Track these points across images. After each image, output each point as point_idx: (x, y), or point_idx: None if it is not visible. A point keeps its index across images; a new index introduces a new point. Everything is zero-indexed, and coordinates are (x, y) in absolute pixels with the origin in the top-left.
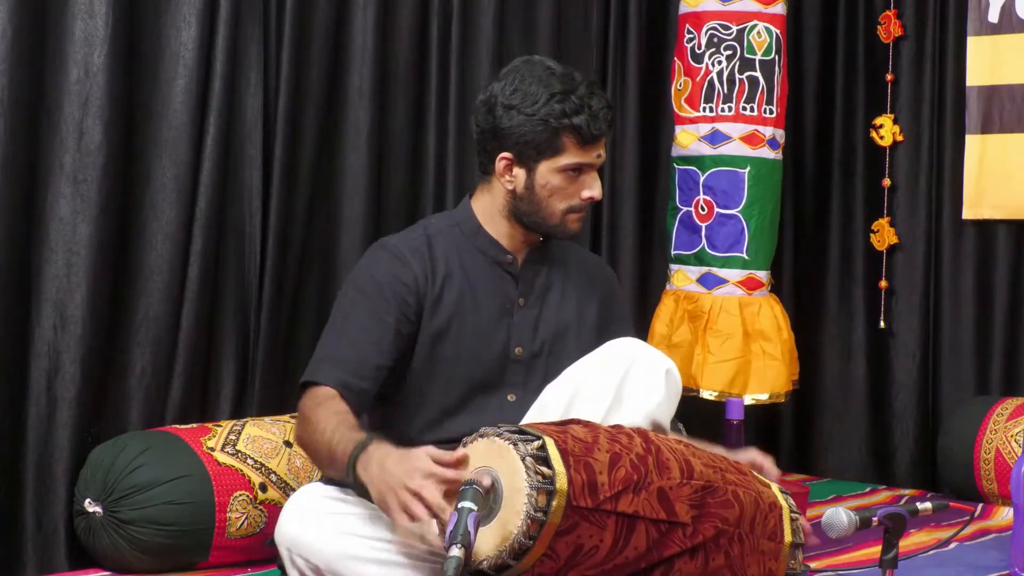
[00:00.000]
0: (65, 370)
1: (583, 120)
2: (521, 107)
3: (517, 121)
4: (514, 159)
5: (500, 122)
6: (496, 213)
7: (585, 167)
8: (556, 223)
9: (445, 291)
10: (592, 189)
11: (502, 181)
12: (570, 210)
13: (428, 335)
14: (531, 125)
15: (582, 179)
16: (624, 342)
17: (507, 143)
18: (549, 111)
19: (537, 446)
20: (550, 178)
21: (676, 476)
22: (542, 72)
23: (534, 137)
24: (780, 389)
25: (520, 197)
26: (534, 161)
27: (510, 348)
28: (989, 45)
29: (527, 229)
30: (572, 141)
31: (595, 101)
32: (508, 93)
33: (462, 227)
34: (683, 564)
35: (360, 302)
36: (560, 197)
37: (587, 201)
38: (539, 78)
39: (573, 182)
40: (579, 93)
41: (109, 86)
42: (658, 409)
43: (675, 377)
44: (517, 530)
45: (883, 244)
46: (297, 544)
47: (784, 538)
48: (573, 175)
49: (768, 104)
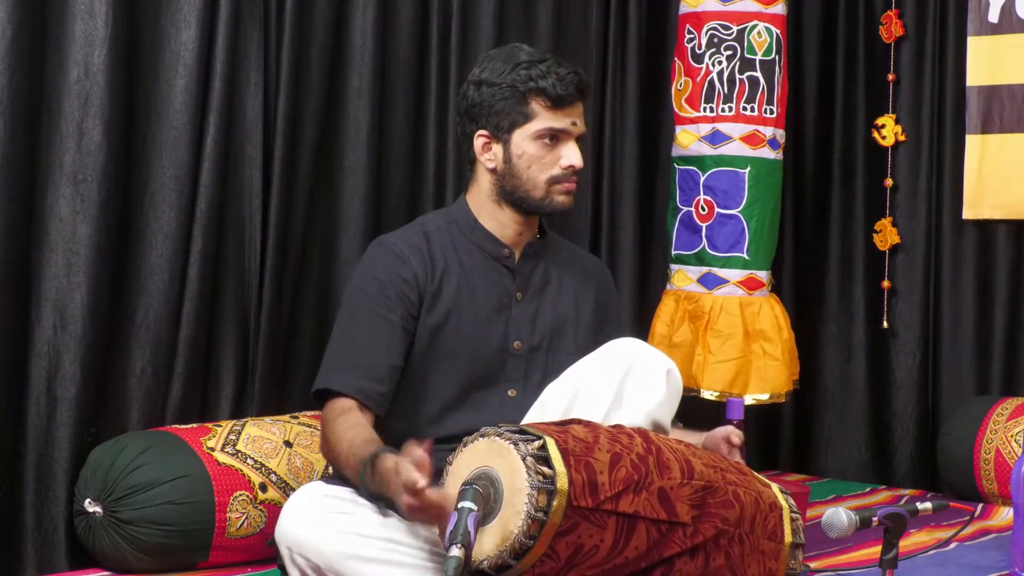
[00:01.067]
0: (65, 370)
1: (549, 82)
2: (488, 80)
3: (486, 94)
4: (490, 135)
5: (471, 99)
6: (486, 200)
7: (560, 134)
8: (541, 195)
9: (443, 286)
10: (571, 157)
11: (483, 160)
12: (553, 180)
13: (427, 330)
14: (500, 94)
15: (559, 148)
16: (625, 342)
17: (480, 119)
18: (515, 77)
19: (538, 446)
20: (525, 147)
21: (677, 476)
22: (511, 49)
23: (504, 106)
24: (781, 389)
25: (502, 174)
26: (507, 132)
27: (508, 342)
28: (989, 45)
29: (517, 211)
30: (541, 104)
31: (561, 68)
32: (477, 72)
33: (459, 223)
34: (683, 564)
35: (365, 304)
36: (539, 167)
37: (568, 170)
38: (507, 54)
39: (550, 150)
40: (545, 63)
41: (109, 86)
42: (658, 409)
43: (676, 377)
44: (518, 530)
45: (886, 244)
46: (297, 543)
47: (784, 538)
48: (549, 144)
49: (768, 104)
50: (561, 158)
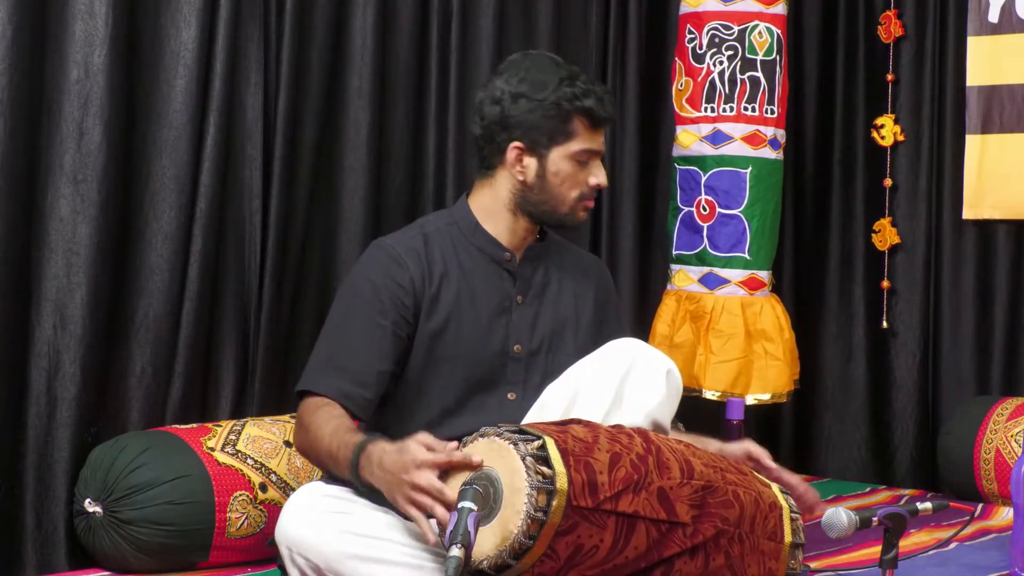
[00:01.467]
0: (65, 370)
1: (592, 102)
2: (530, 94)
3: (528, 108)
4: (525, 147)
5: (509, 111)
6: (500, 208)
7: (593, 154)
8: (567, 211)
9: (442, 290)
10: (599, 176)
11: (513, 172)
12: (580, 197)
13: (426, 335)
14: (542, 111)
15: (589, 166)
16: (625, 342)
17: (517, 132)
18: (560, 95)
19: (537, 446)
20: (561, 165)
21: (676, 476)
22: (547, 62)
23: (546, 123)
24: (782, 389)
25: (531, 187)
26: (545, 148)
27: (509, 346)
28: (989, 45)
29: (533, 221)
30: (583, 125)
31: (598, 87)
32: (515, 83)
33: (460, 225)
34: (683, 564)
35: (357, 306)
36: (571, 184)
37: (595, 188)
38: (545, 67)
39: (582, 169)
40: (583, 79)
41: (109, 86)
42: (659, 409)
43: (676, 377)
44: (517, 530)
45: (885, 244)
46: (297, 543)
47: (784, 538)
48: (582, 162)
49: (769, 104)
50: (590, 177)
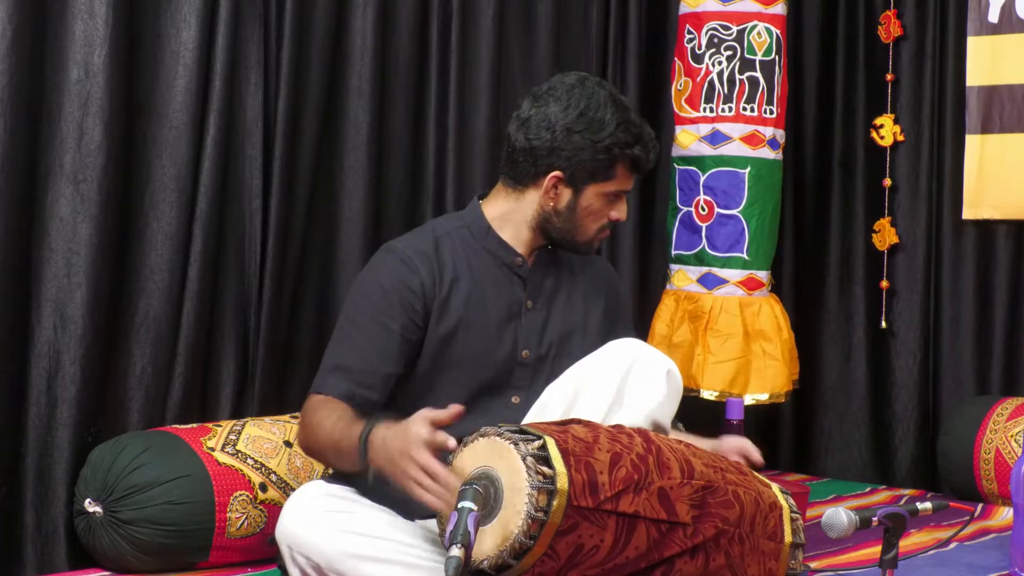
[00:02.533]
0: (65, 370)
1: (640, 150)
2: (586, 133)
3: (580, 145)
4: (564, 179)
5: (559, 142)
6: (520, 221)
7: (623, 193)
8: (586, 241)
9: (453, 294)
10: (620, 211)
11: (544, 197)
12: (600, 229)
13: (436, 338)
14: (593, 152)
15: (615, 203)
16: (625, 343)
17: (561, 163)
18: (615, 140)
19: (538, 446)
20: (593, 201)
21: (677, 476)
22: (606, 98)
23: (592, 163)
24: (780, 389)
25: (559, 214)
26: (584, 183)
27: (517, 351)
28: (989, 45)
29: (549, 241)
30: (625, 169)
31: (647, 133)
32: (573, 116)
33: (471, 228)
34: (683, 564)
35: (366, 310)
36: (595, 218)
37: (614, 221)
38: (604, 104)
39: (608, 205)
40: (635, 121)
41: (109, 86)
42: (659, 409)
43: (676, 378)
44: (518, 530)
45: (884, 244)
46: (298, 542)
47: (784, 538)
48: (612, 199)
49: (768, 104)
50: (612, 211)
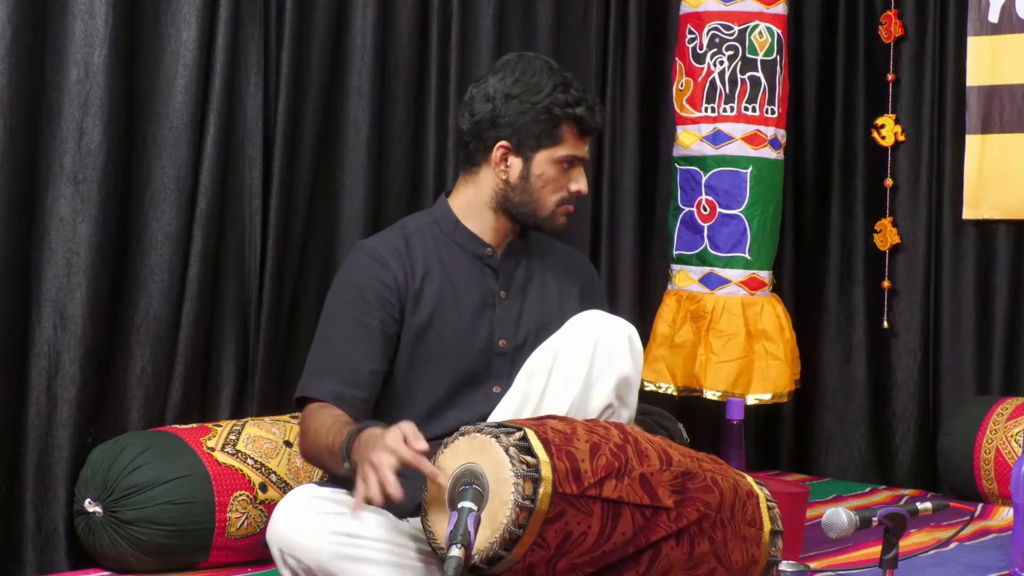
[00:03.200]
0: (65, 370)
1: (584, 111)
2: (523, 96)
3: (519, 109)
4: (512, 148)
5: (500, 111)
6: (481, 206)
7: (576, 160)
8: (547, 215)
9: (425, 287)
10: (579, 182)
11: (497, 171)
12: (561, 202)
13: (411, 332)
14: (534, 114)
15: (572, 172)
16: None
17: (506, 131)
18: (553, 100)
19: (519, 437)
20: (545, 168)
21: (656, 463)
22: (542, 65)
23: (536, 126)
24: (783, 389)
25: (513, 187)
26: (532, 150)
27: (494, 341)
28: (989, 45)
29: (513, 221)
30: (571, 131)
31: (590, 96)
32: (509, 83)
33: (440, 224)
34: (670, 549)
35: (344, 310)
36: (552, 188)
37: (575, 194)
38: (540, 70)
39: (564, 174)
40: (576, 86)
41: (109, 86)
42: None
43: (636, 343)
44: (507, 519)
45: (886, 244)
46: (289, 544)
47: (764, 525)
48: (566, 167)
49: (770, 104)
50: (571, 182)
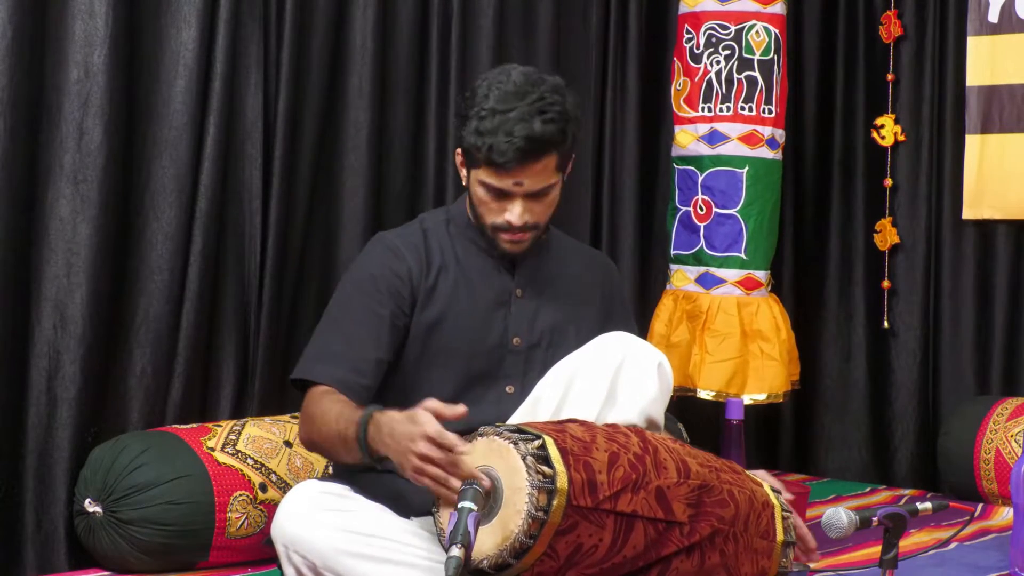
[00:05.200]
0: (65, 370)
1: (487, 144)
2: (467, 113)
3: (463, 125)
4: (462, 156)
5: (457, 120)
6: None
7: (502, 192)
8: (489, 236)
9: (440, 282)
10: (511, 215)
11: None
12: (495, 228)
13: (422, 326)
14: (466, 133)
15: (504, 202)
16: (615, 336)
17: (458, 140)
18: (476, 126)
19: (537, 445)
20: (476, 188)
21: (673, 476)
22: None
23: (467, 145)
24: (778, 389)
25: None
26: (469, 166)
27: (508, 338)
28: (989, 45)
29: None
30: (485, 162)
31: (518, 126)
32: (466, 95)
33: (456, 220)
34: (680, 563)
35: (355, 297)
36: (486, 210)
37: (509, 224)
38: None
39: (495, 200)
40: (506, 115)
41: (109, 86)
42: (652, 405)
43: (667, 371)
44: (518, 529)
45: (886, 244)
46: (294, 541)
47: (776, 536)
48: (493, 195)
49: (767, 104)
50: (505, 212)
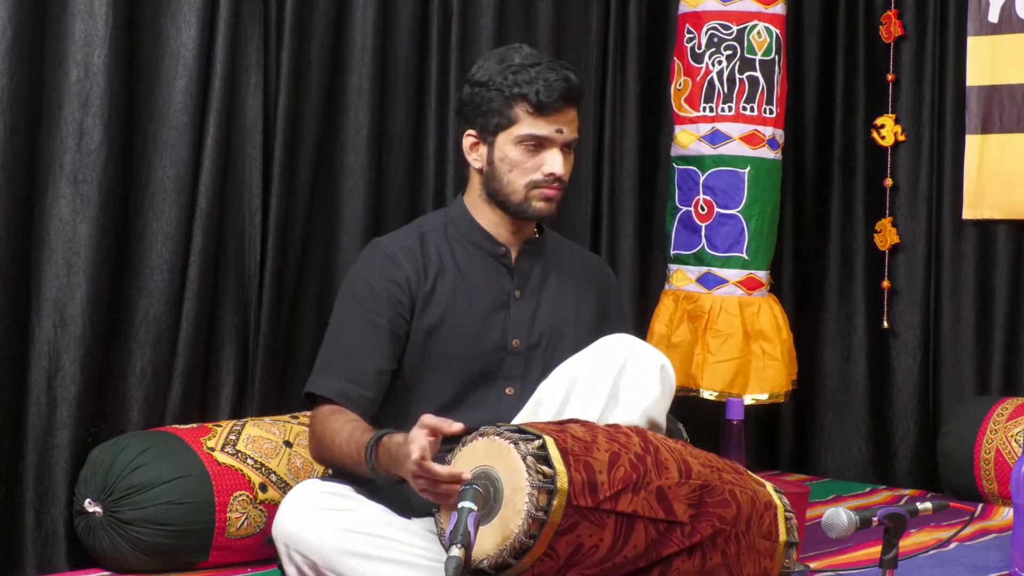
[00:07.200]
0: (65, 370)
1: (534, 88)
2: (479, 80)
3: (476, 94)
4: (476, 135)
5: (464, 100)
6: (479, 200)
7: (544, 140)
8: (520, 200)
9: (438, 286)
10: (552, 165)
11: (470, 160)
12: (533, 185)
13: (422, 331)
14: (486, 96)
15: (543, 154)
16: (617, 338)
17: (470, 119)
18: (502, 80)
19: (537, 445)
20: (507, 151)
21: (674, 476)
22: (506, 50)
23: (489, 108)
24: (780, 389)
25: (487, 175)
26: (492, 135)
27: (507, 340)
28: (989, 45)
29: (504, 212)
30: (525, 110)
31: (552, 74)
32: (473, 71)
33: (455, 222)
34: (681, 563)
35: (354, 308)
36: (520, 171)
37: (549, 177)
38: (501, 55)
39: (532, 155)
40: (537, 67)
41: (109, 86)
42: (654, 407)
43: (669, 373)
44: (518, 529)
45: (885, 244)
46: (294, 540)
47: (779, 537)
48: (532, 148)
49: (768, 104)
50: (543, 165)
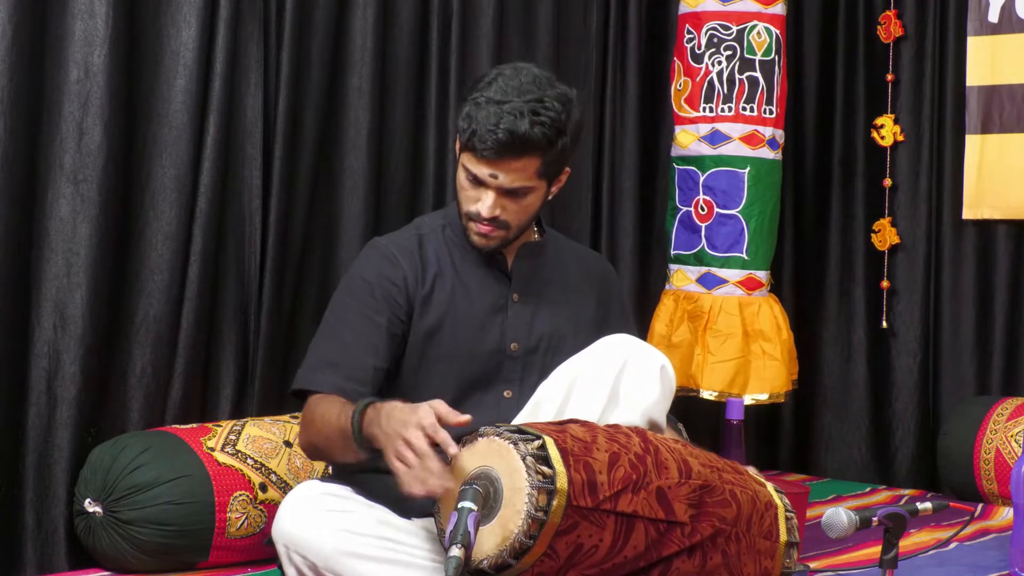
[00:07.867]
0: (65, 370)
1: (472, 129)
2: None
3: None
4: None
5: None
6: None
7: (479, 180)
8: (464, 224)
9: (436, 289)
10: (481, 205)
11: None
12: (469, 217)
13: (420, 334)
14: (462, 111)
15: (480, 190)
16: (617, 339)
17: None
18: (468, 110)
19: (537, 445)
20: (460, 173)
21: (674, 476)
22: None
23: (458, 127)
24: (780, 389)
25: None
26: (460, 150)
27: (505, 344)
28: (989, 45)
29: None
30: (467, 146)
31: (504, 120)
32: (474, 81)
33: (453, 225)
34: (681, 563)
35: (351, 305)
36: (464, 197)
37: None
38: (493, 78)
39: (473, 187)
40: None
41: (109, 86)
42: (654, 407)
43: (669, 373)
44: (518, 529)
45: (885, 244)
46: (294, 541)
47: (780, 537)
48: (472, 181)
49: (768, 104)
50: (479, 200)
